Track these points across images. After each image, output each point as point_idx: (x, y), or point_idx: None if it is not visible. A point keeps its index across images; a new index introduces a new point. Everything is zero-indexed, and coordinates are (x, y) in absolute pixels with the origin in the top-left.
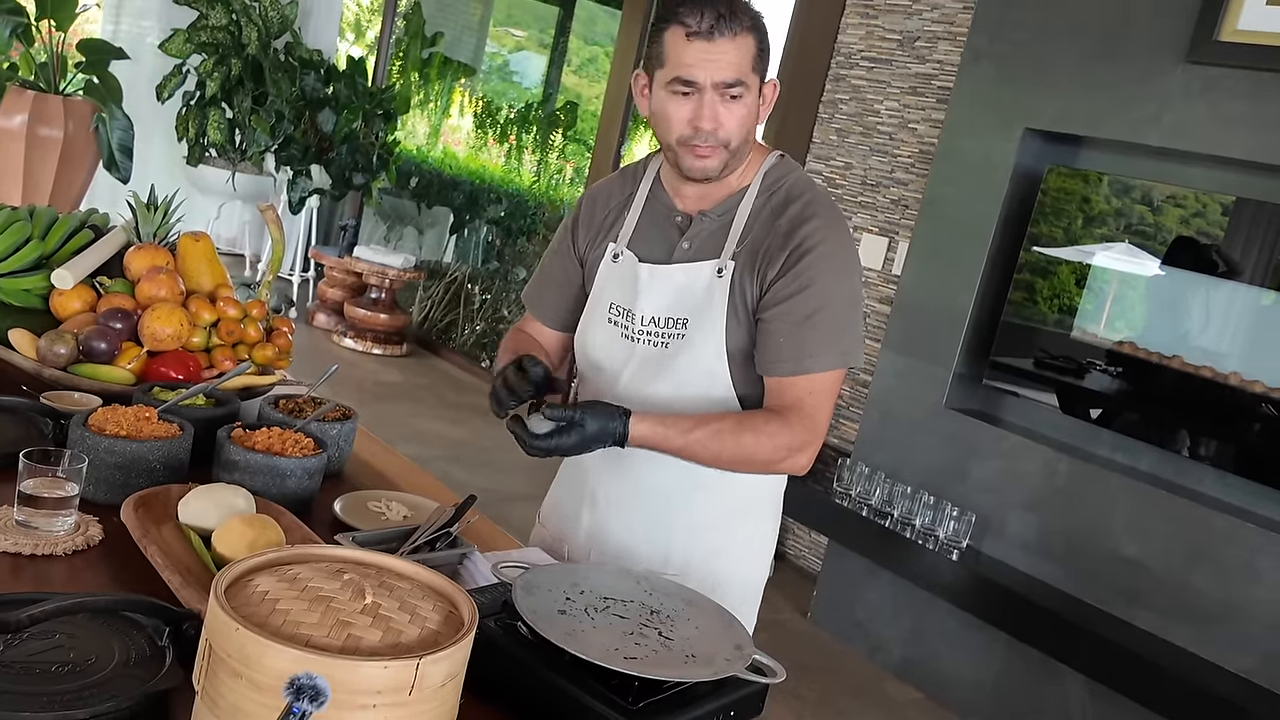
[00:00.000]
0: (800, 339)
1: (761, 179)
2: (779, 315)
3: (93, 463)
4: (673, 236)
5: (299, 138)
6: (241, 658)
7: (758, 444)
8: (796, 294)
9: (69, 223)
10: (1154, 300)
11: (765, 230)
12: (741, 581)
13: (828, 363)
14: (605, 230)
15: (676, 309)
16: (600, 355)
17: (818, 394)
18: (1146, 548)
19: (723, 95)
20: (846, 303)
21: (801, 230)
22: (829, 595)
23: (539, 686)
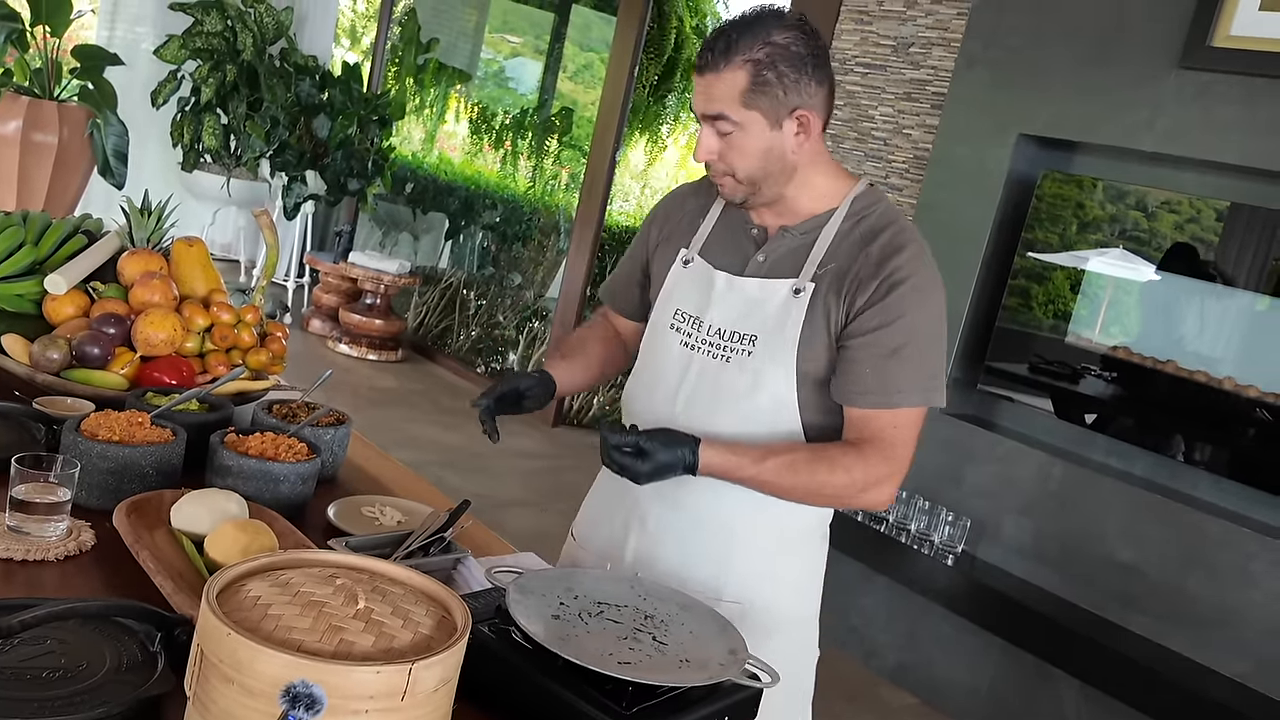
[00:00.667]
0: (887, 372)
1: (850, 204)
2: (866, 345)
3: (85, 468)
4: (747, 249)
5: (294, 143)
6: (233, 663)
7: (832, 477)
8: (886, 325)
9: (62, 228)
10: (1148, 305)
11: (853, 256)
12: (800, 618)
13: (913, 399)
14: (679, 232)
15: (746, 324)
16: (658, 361)
17: (900, 429)
18: (1141, 553)
19: (713, 127)
20: (935, 339)
21: (894, 260)
22: (825, 600)
23: (533, 692)
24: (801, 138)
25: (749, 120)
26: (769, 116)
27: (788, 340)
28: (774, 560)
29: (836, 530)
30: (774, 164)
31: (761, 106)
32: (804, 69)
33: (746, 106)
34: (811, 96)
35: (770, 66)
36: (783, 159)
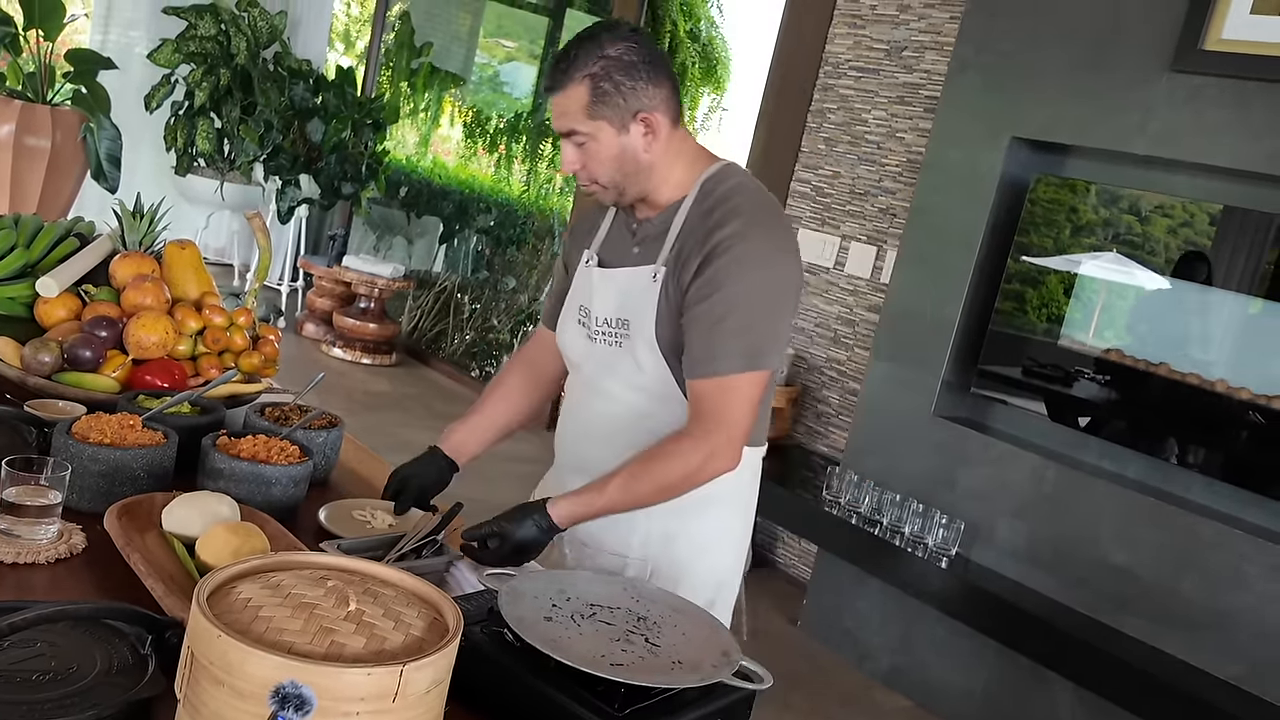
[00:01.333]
0: (710, 342)
1: (699, 187)
2: (693, 319)
3: (76, 471)
4: (628, 241)
5: (288, 147)
6: (223, 665)
7: (669, 468)
8: (708, 297)
9: (54, 231)
10: (1141, 308)
11: (691, 234)
12: (714, 577)
13: (735, 365)
14: (584, 240)
15: (621, 310)
16: (569, 351)
17: (729, 395)
18: (1135, 555)
19: (570, 141)
20: (760, 305)
21: (717, 234)
22: (818, 603)
23: (525, 694)
24: (650, 138)
25: (597, 129)
26: (614, 123)
27: (648, 322)
28: (684, 521)
29: (828, 532)
30: (629, 165)
31: (606, 115)
32: (638, 75)
33: (592, 117)
34: (651, 99)
35: (606, 78)
36: (636, 159)
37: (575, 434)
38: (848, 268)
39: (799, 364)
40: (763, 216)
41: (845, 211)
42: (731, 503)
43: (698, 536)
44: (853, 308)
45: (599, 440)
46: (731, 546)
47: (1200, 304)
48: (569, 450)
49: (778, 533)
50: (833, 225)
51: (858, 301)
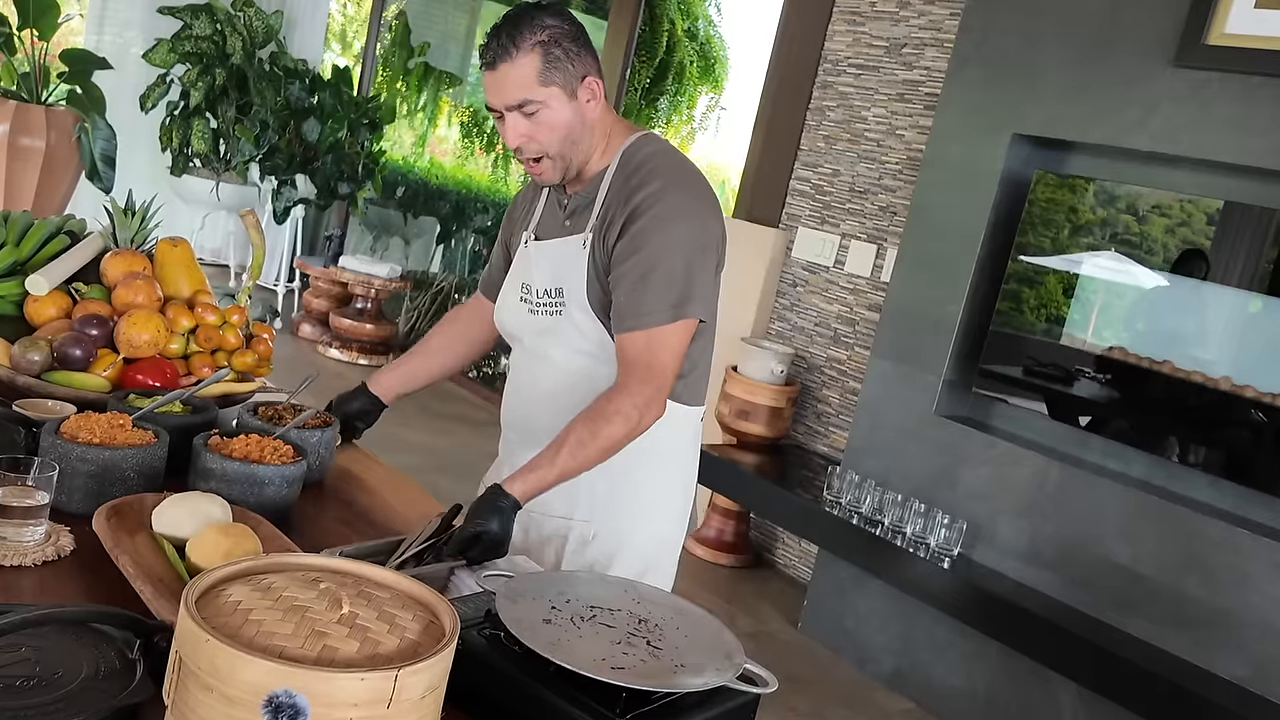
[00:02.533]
0: (636, 297)
1: (621, 156)
2: (619, 277)
3: (65, 471)
4: (558, 211)
5: (284, 147)
6: (212, 670)
7: (611, 427)
8: (632, 255)
9: (44, 228)
10: (1143, 306)
11: (614, 200)
12: (655, 537)
13: (662, 317)
14: (523, 221)
15: (555, 280)
16: (510, 327)
17: (655, 347)
18: (1139, 554)
19: (519, 113)
20: (683, 259)
21: (636, 196)
22: (819, 604)
23: (524, 699)
24: (594, 103)
25: (550, 96)
26: (566, 89)
27: (579, 288)
28: (625, 482)
29: (829, 533)
30: (578, 131)
31: (558, 81)
32: (579, 42)
33: (545, 84)
34: (590, 66)
35: (555, 44)
36: (586, 125)
37: (521, 402)
38: (848, 266)
39: (799, 363)
40: (680, 175)
41: (845, 210)
42: (671, 462)
43: (639, 497)
44: (853, 306)
45: (544, 405)
46: (673, 506)
47: (1203, 302)
48: (516, 420)
49: (778, 533)
50: (832, 224)
51: (858, 300)
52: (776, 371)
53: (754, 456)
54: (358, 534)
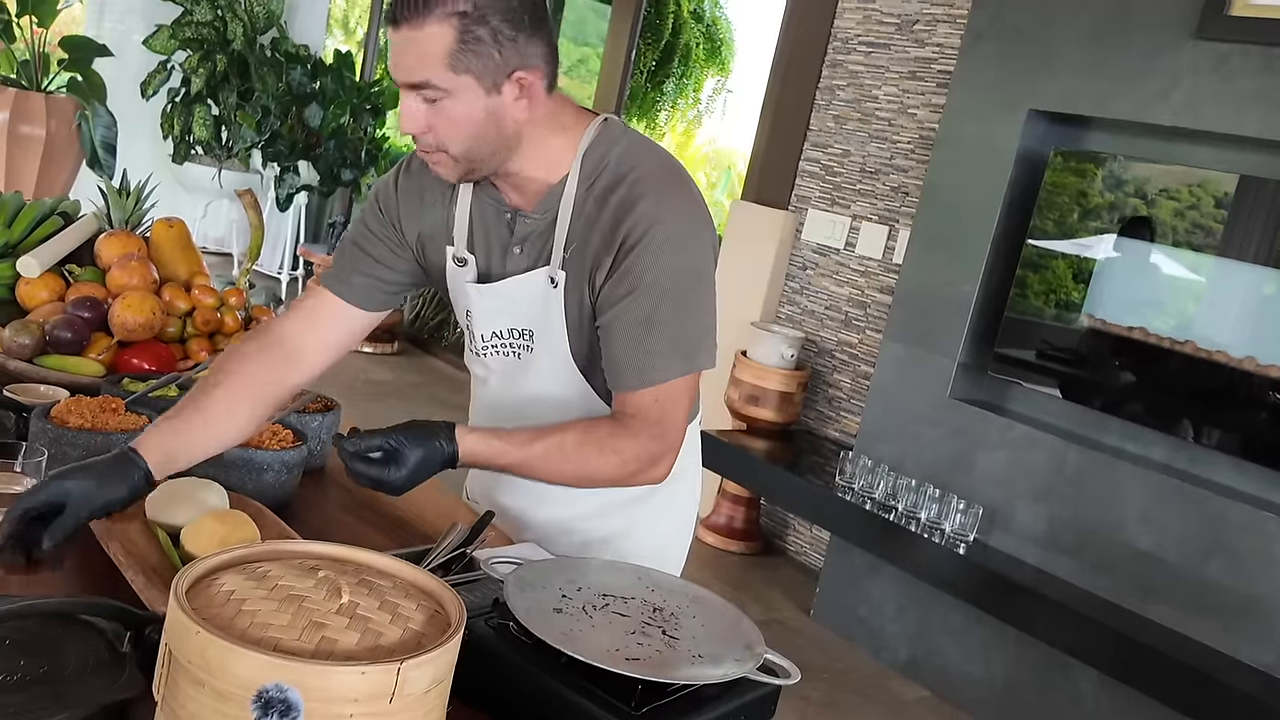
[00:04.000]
0: (640, 348)
1: (580, 166)
2: (613, 321)
3: (54, 456)
4: (505, 237)
5: (286, 133)
6: (203, 664)
7: (603, 461)
8: (628, 295)
9: (36, 210)
10: (1164, 286)
11: (591, 226)
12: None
13: (673, 370)
14: (436, 224)
15: (519, 320)
16: (472, 360)
17: (665, 401)
18: (1161, 539)
19: (418, 95)
20: (688, 297)
21: (627, 221)
22: (831, 592)
23: (534, 691)
24: (523, 103)
25: (460, 86)
26: (483, 81)
27: (556, 333)
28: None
29: (841, 519)
30: (492, 135)
31: (474, 70)
32: (520, 23)
33: (455, 70)
34: (531, 55)
35: (481, 22)
36: (502, 129)
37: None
38: (859, 248)
39: (809, 348)
40: (670, 186)
41: (856, 191)
42: (681, 490)
43: (648, 529)
44: (864, 289)
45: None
46: (681, 533)
47: (1227, 281)
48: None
49: (788, 520)
50: (843, 205)
51: (869, 283)
52: (786, 356)
53: (764, 442)
54: (363, 523)
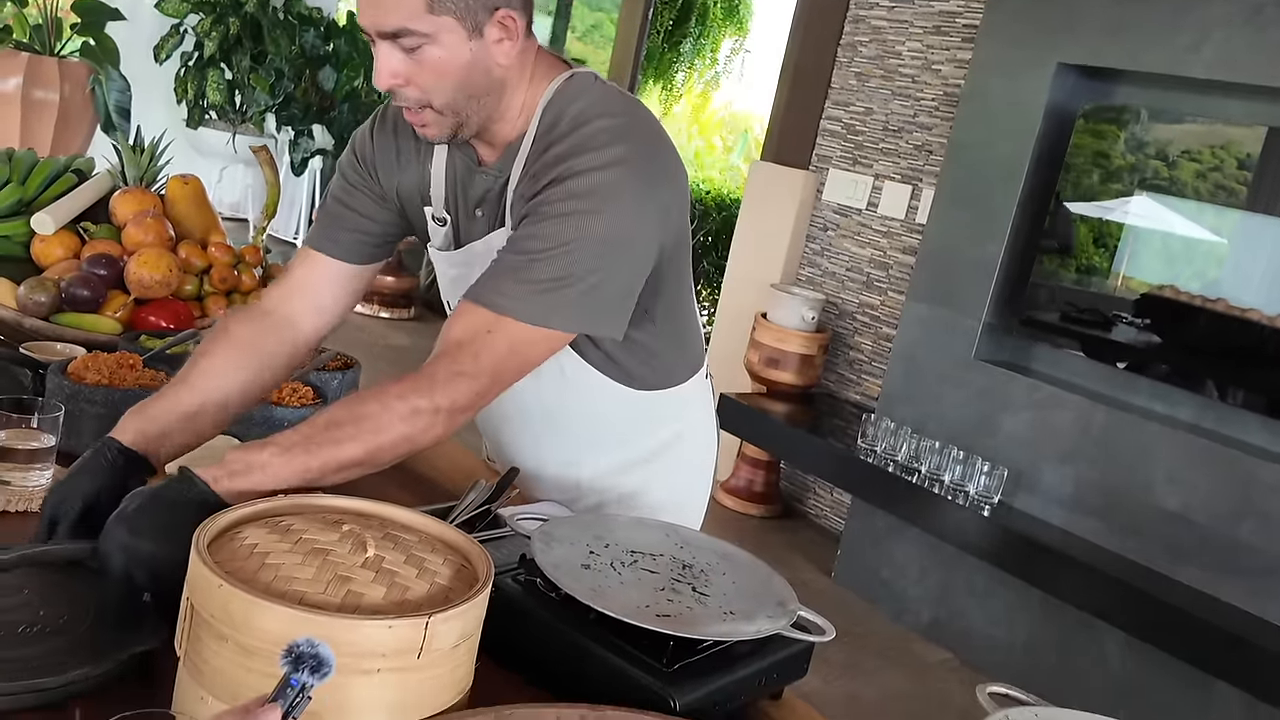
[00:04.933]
0: (509, 273)
1: (539, 121)
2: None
3: (71, 413)
4: (470, 196)
5: (300, 96)
6: (226, 618)
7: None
8: (533, 222)
9: (50, 166)
10: (1194, 244)
11: (538, 165)
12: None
13: (528, 311)
14: (415, 183)
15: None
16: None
17: (500, 342)
18: (1189, 500)
19: (395, 44)
20: (590, 257)
21: (573, 160)
22: (853, 554)
23: (563, 648)
24: (506, 45)
25: (440, 29)
26: (465, 22)
27: None
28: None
29: (863, 481)
30: (479, 82)
31: (454, 9)
32: None
33: (434, 11)
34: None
35: None
36: (488, 74)
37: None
38: (881, 208)
39: (830, 310)
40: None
41: (878, 150)
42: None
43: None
44: (886, 250)
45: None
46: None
47: (1256, 238)
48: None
49: (808, 483)
50: (865, 165)
51: (891, 244)
52: (807, 318)
53: (784, 405)
54: (387, 481)
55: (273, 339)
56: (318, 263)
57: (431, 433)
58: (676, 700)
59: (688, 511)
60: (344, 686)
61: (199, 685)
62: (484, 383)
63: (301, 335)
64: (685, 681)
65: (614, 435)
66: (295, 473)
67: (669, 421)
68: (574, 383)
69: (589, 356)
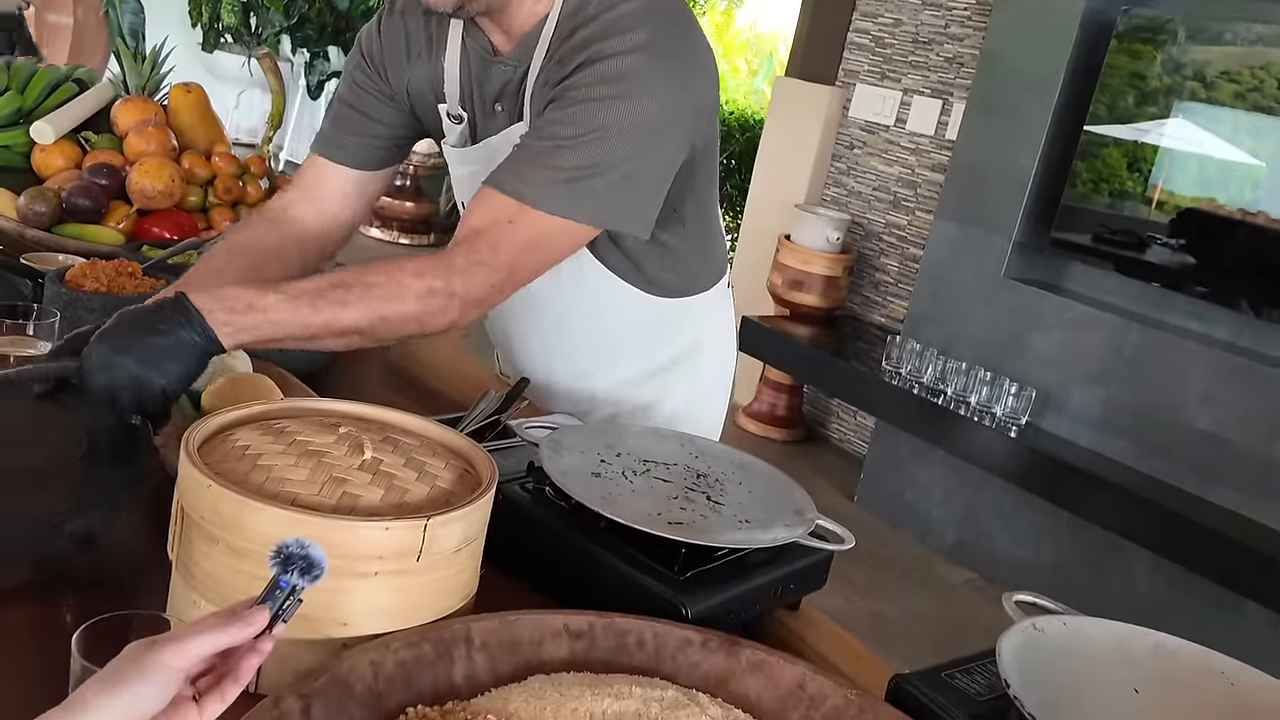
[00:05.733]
0: (535, 159)
1: (562, 3)
2: (532, 128)
3: (70, 320)
4: (486, 91)
5: (314, 18)
6: (216, 519)
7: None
8: (560, 108)
9: (50, 75)
10: (1233, 165)
11: (560, 53)
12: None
13: (553, 202)
14: (428, 80)
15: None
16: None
17: (523, 233)
18: (1223, 419)
19: None
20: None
21: (602, 44)
22: (876, 478)
23: (572, 556)
24: None
25: None
26: None
27: None
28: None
29: (888, 404)
30: None
31: None
32: None
33: None
34: None
35: None
36: None
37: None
38: (909, 124)
39: (855, 231)
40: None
41: (907, 63)
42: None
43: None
44: (914, 168)
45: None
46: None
47: None
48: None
49: (831, 406)
50: (893, 79)
51: (920, 161)
52: (832, 239)
53: (807, 328)
54: (396, 394)
55: (274, 238)
56: (324, 169)
57: (444, 317)
58: (688, 608)
59: (705, 424)
60: (341, 589)
61: (191, 589)
62: (501, 276)
63: (310, 239)
64: (697, 590)
65: (631, 344)
66: (296, 323)
67: (688, 330)
68: (593, 287)
69: (609, 260)
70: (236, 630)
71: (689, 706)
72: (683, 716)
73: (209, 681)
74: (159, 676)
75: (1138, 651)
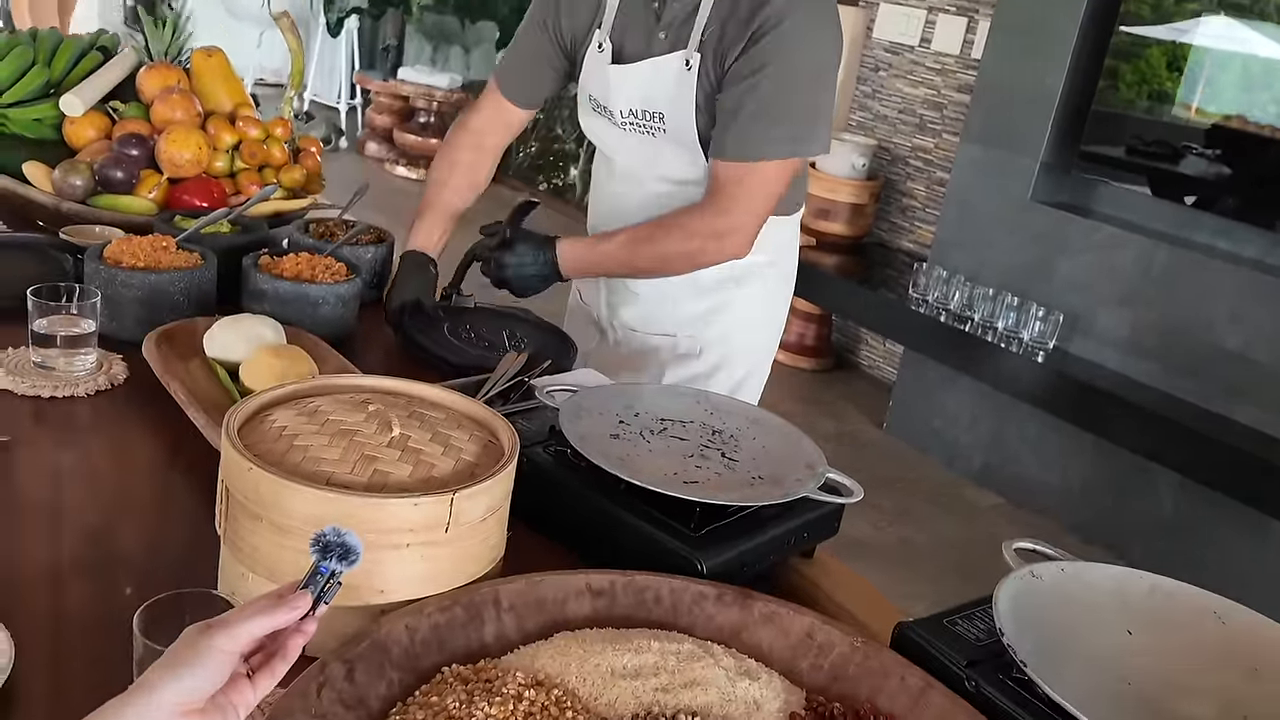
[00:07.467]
0: (748, 128)
1: None
2: (731, 100)
3: (111, 298)
4: (650, 22)
5: None
6: (258, 499)
7: (671, 242)
8: (753, 75)
9: (75, 46)
10: (1265, 72)
11: (728, 16)
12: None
13: (777, 150)
14: (588, 16)
15: (651, 103)
16: (599, 141)
17: (753, 183)
18: (1251, 338)
19: None
20: (807, 90)
21: (762, 11)
22: (905, 405)
23: (593, 516)
24: None
25: None
26: None
27: (686, 115)
28: (730, 294)
29: (915, 332)
30: None
31: None
32: None
33: None
34: None
35: None
36: None
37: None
38: (934, 44)
39: (881, 155)
40: None
41: None
42: (776, 275)
43: (743, 310)
44: (940, 89)
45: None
46: (774, 319)
47: None
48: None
49: (860, 334)
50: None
51: (945, 82)
52: (858, 165)
53: (835, 257)
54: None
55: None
56: (502, 106)
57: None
58: (703, 564)
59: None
60: (376, 561)
61: (239, 562)
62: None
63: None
64: (711, 545)
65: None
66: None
67: (765, 249)
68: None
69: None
70: (283, 614)
71: (704, 659)
72: (698, 668)
73: (260, 659)
74: (214, 659)
75: (1134, 595)
